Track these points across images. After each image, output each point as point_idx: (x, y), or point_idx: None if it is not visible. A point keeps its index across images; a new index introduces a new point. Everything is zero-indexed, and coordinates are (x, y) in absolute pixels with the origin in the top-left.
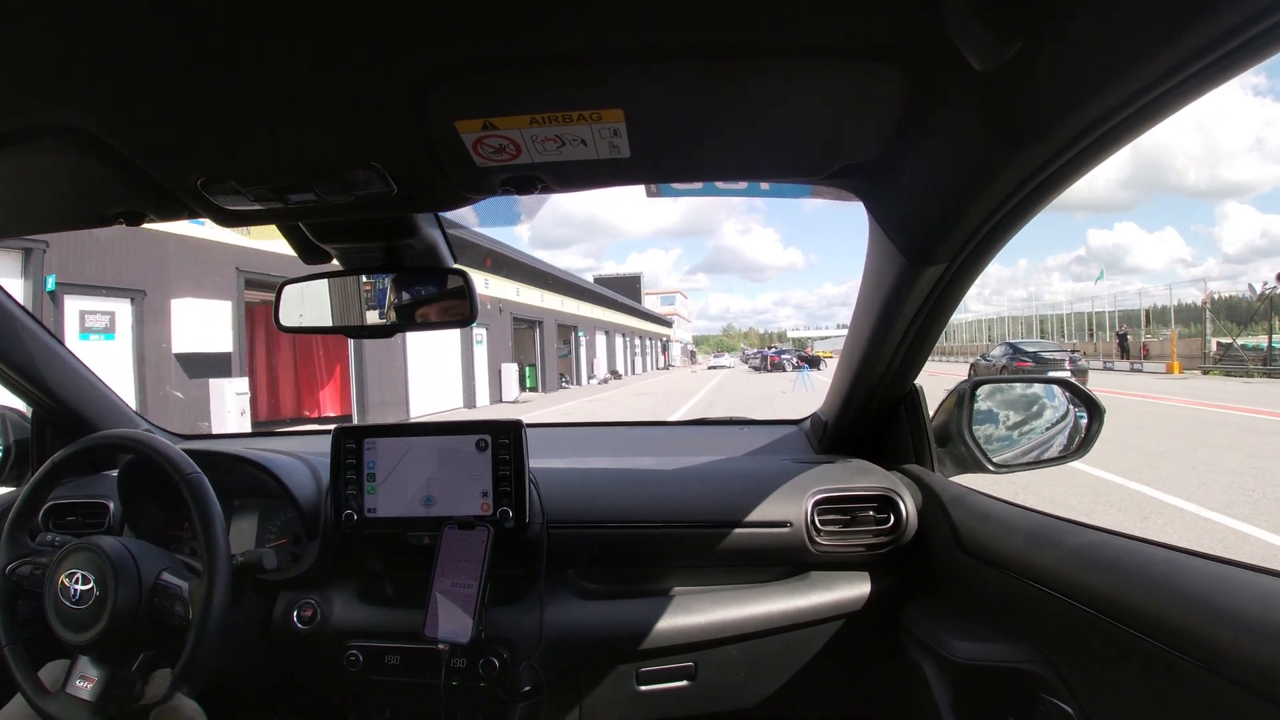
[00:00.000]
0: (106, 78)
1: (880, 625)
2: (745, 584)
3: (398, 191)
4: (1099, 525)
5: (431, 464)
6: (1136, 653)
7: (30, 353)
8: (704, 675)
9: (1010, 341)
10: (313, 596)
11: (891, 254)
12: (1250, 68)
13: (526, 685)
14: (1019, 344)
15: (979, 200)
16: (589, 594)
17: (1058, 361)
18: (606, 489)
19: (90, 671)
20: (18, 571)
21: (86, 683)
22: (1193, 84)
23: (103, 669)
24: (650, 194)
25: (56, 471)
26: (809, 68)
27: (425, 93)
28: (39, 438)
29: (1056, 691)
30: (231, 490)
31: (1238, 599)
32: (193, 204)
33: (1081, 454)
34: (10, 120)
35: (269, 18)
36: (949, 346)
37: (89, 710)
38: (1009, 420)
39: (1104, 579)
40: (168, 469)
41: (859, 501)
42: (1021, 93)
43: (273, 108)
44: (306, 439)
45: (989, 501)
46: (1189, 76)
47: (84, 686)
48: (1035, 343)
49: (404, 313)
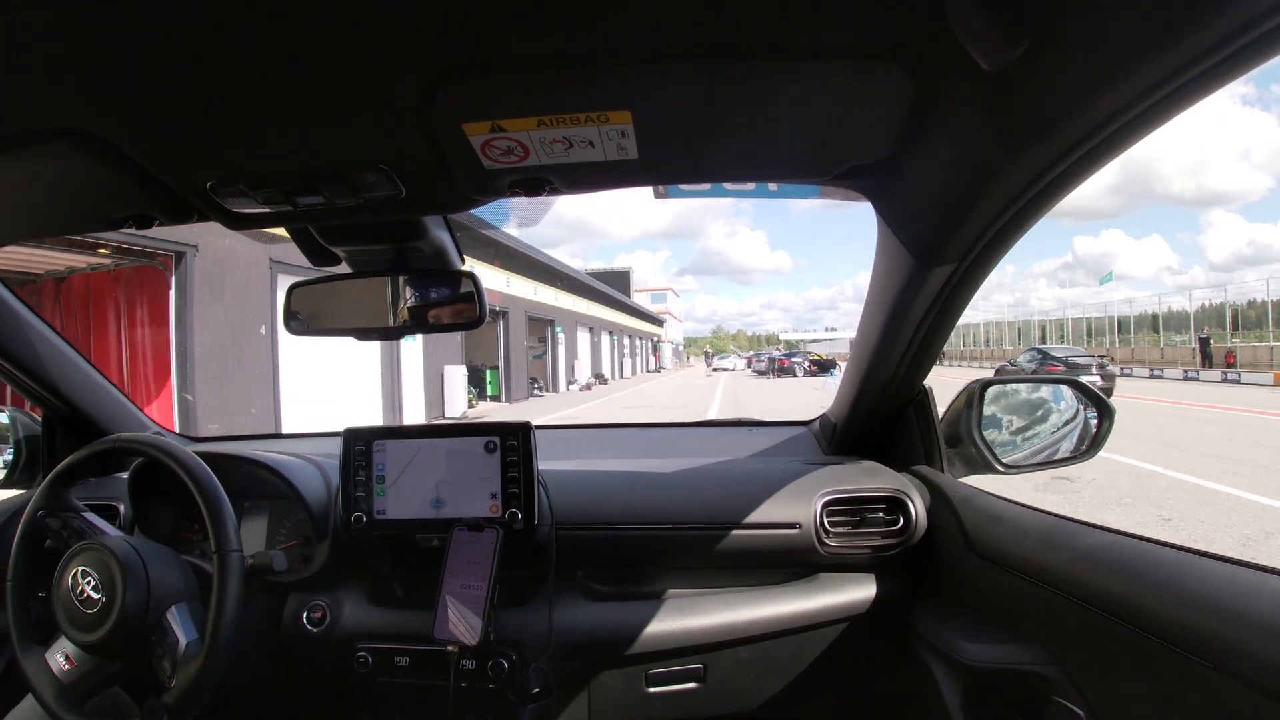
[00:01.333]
0: (115, 82)
1: (889, 627)
2: (754, 585)
3: (406, 194)
4: (1109, 526)
5: (441, 466)
6: (1147, 654)
7: (40, 355)
8: (713, 677)
9: (1038, 347)
10: (322, 598)
11: (900, 255)
12: (1257, 66)
13: (535, 687)
14: (1048, 349)
15: (987, 200)
16: (598, 595)
17: (1085, 366)
18: (615, 491)
19: (74, 654)
20: (47, 520)
21: (65, 662)
22: (1200, 83)
23: (86, 660)
24: (658, 195)
25: (66, 478)
26: (816, 68)
27: (433, 95)
28: (49, 440)
29: (1066, 693)
30: (242, 492)
31: (1248, 600)
32: (202, 207)
33: (1091, 454)
34: (19, 124)
35: (277, 22)
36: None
37: (54, 688)
38: (1019, 421)
39: (1114, 580)
40: (179, 471)
41: (868, 503)
42: (1028, 92)
43: (281, 111)
44: (317, 441)
45: (999, 502)
46: (1196, 75)
47: (61, 664)
48: (1063, 348)
49: (412, 314)
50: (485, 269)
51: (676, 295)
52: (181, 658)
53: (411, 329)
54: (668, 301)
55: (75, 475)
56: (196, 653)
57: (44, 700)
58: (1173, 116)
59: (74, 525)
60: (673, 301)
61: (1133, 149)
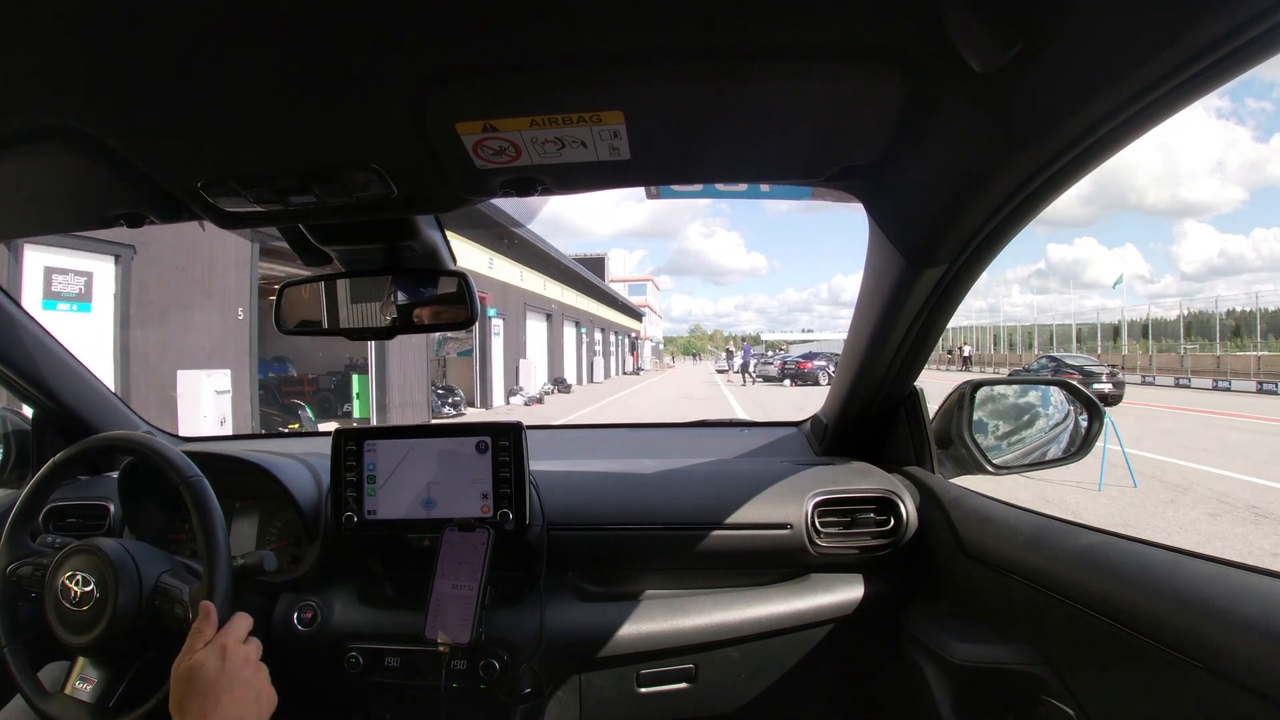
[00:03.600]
0: (107, 80)
1: (880, 627)
2: (745, 586)
3: (398, 193)
4: (1099, 527)
5: (432, 466)
6: (1136, 654)
7: (31, 354)
8: (704, 677)
9: (1051, 354)
10: (313, 599)
11: (892, 256)
12: (1248, 70)
13: (527, 687)
14: (1061, 357)
15: (979, 202)
16: (589, 596)
17: (1098, 374)
18: (607, 491)
19: (90, 673)
20: (18, 572)
21: (86, 684)
22: (1191, 86)
23: (103, 671)
24: (650, 196)
25: (57, 473)
26: (809, 69)
27: (425, 95)
28: (39, 439)
29: (1057, 693)
30: (232, 492)
31: (1237, 600)
32: (193, 206)
33: (1081, 455)
34: (11, 122)
35: (270, 22)
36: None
37: (88, 711)
38: (1010, 422)
39: (1104, 580)
40: (168, 471)
41: (859, 503)
42: (1021, 95)
43: (273, 110)
44: (307, 441)
45: (989, 503)
46: (1187, 79)
47: (83, 688)
48: (1077, 356)
49: (404, 314)
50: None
51: (658, 288)
52: (191, 595)
53: (403, 329)
54: (648, 294)
55: (36, 509)
56: (202, 584)
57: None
58: (1164, 119)
59: (44, 562)
60: (653, 294)
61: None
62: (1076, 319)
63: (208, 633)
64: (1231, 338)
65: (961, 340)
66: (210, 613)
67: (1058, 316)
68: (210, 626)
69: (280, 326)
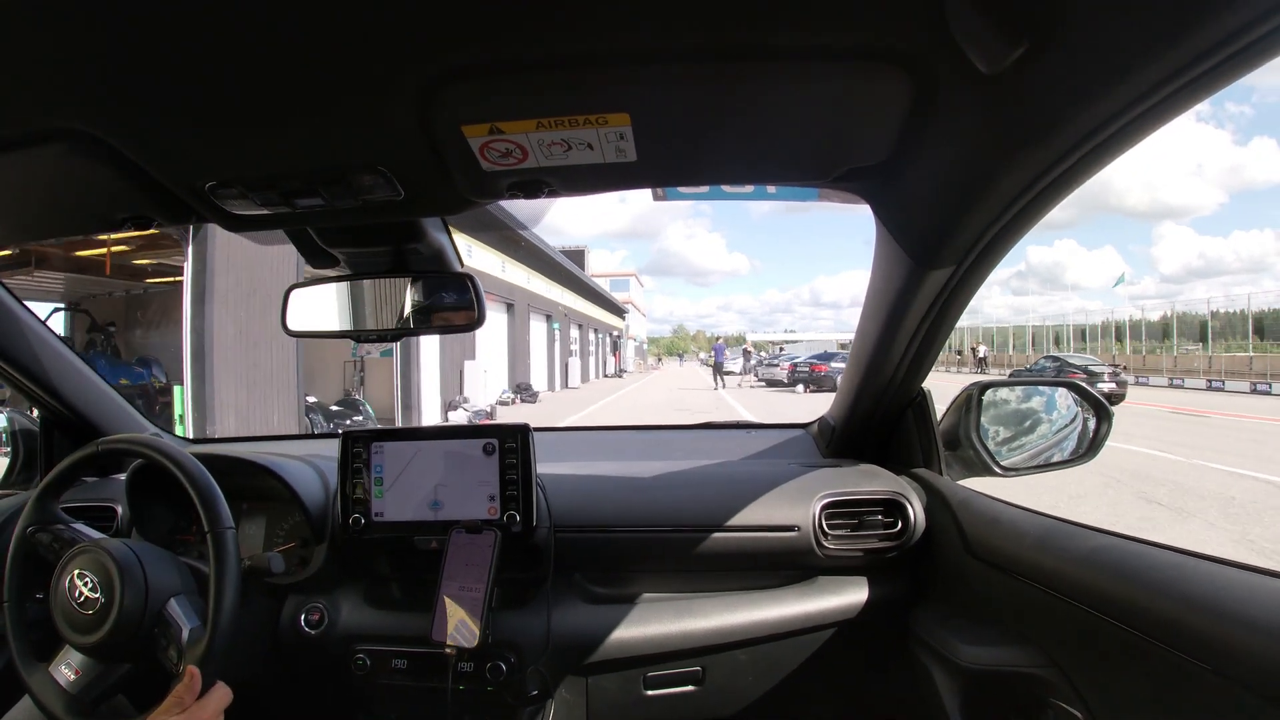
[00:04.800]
0: (115, 83)
1: (887, 630)
2: (752, 588)
3: (405, 196)
4: (1107, 529)
5: (439, 468)
6: (1145, 656)
7: (38, 357)
8: (711, 680)
9: (1055, 355)
10: (320, 600)
11: (899, 257)
12: (1254, 70)
13: (533, 689)
14: (1065, 357)
15: (986, 203)
16: (596, 598)
17: (1100, 374)
18: (613, 493)
19: (78, 664)
20: (37, 536)
21: (71, 672)
22: (1198, 86)
23: (92, 667)
24: (657, 197)
25: (72, 472)
26: (815, 70)
27: (432, 97)
28: (47, 441)
29: (1065, 695)
30: (239, 494)
31: (1246, 602)
32: (200, 208)
33: (1090, 457)
34: (18, 125)
35: (276, 24)
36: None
37: (63, 700)
38: (1017, 424)
39: (1113, 582)
40: (176, 473)
41: (867, 505)
42: (1028, 95)
43: (280, 113)
44: (314, 443)
45: (997, 505)
46: (1194, 79)
47: (67, 675)
48: (1080, 356)
49: (411, 316)
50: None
51: (641, 284)
52: (187, 643)
53: (409, 331)
54: (631, 290)
55: (64, 485)
56: (201, 636)
57: (53, 713)
58: (1171, 119)
59: (64, 537)
60: (636, 290)
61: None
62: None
63: (186, 700)
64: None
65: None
66: (195, 681)
67: (1035, 318)
68: (190, 695)
69: (287, 329)
